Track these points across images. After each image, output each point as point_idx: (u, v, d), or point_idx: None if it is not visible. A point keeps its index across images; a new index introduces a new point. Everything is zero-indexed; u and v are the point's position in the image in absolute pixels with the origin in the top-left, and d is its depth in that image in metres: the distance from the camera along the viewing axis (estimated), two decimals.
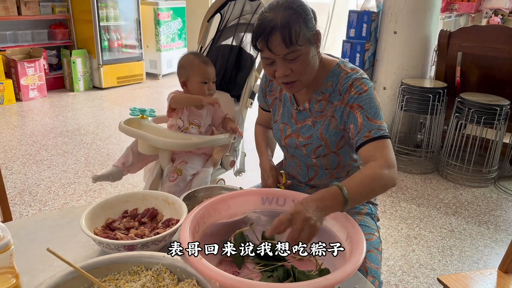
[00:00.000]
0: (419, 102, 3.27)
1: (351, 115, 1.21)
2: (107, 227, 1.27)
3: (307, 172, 1.40)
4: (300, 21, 1.13)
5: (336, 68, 1.28)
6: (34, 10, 5.02)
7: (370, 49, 3.64)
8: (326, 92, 1.28)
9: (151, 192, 1.38)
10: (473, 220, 2.70)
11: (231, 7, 2.07)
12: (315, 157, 1.33)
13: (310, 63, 1.18)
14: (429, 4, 3.37)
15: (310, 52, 1.17)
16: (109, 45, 5.50)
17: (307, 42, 1.15)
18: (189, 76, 1.77)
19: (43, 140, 3.73)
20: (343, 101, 1.23)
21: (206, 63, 1.78)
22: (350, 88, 1.21)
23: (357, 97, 1.20)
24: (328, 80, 1.27)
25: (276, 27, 1.10)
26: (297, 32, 1.12)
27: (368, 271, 1.22)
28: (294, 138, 1.36)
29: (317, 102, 1.29)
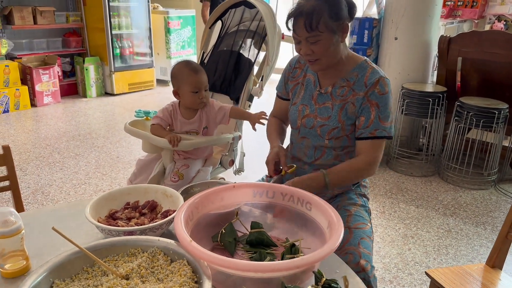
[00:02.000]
0: (419, 106, 3.34)
1: (366, 109, 1.39)
2: (110, 217, 1.38)
3: (313, 153, 1.53)
4: (325, 11, 1.29)
5: (363, 62, 1.45)
6: (49, 19, 5.22)
7: (372, 55, 3.72)
8: (351, 80, 1.43)
9: (151, 186, 1.48)
10: (471, 221, 2.76)
11: (231, 15, 2.19)
12: (328, 138, 1.47)
13: (330, 48, 1.35)
14: (429, 10, 3.45)
15: (332, 39, 1.33)
16: (121, 53, 5.68)
17: (329, 30, 1.31)
18: (180, 86, 1.79)
19: (56, 144, 3.88)
20: (366, 93, 1.39)
21: (197, 72, 1.78)
22: (376, 85, 1.38)
23: (379, 96, 1.38)
24: (354, 71, 1.43)
25: (302, 13, 1.30)
26: (318, 20, 1.28)
27: (361, 255, 1.33)
28: (312, 119, 1.49)
29: (341, 87, 1.44)
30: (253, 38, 2.16)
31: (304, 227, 1.26)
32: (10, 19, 4.96)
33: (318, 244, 1.14)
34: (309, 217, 1.25)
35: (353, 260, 1.31)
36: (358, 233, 1.40)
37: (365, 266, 1.32)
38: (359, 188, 1.57)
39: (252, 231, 1.24)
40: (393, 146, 3.55)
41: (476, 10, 4.60)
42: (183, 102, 1.82)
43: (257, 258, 1.16)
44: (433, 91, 3.35)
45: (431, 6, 3.44)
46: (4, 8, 4.96)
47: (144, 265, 1.03)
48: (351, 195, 1.54)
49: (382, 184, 3.25)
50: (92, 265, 1.04)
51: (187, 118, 1.85)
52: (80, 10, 5.56)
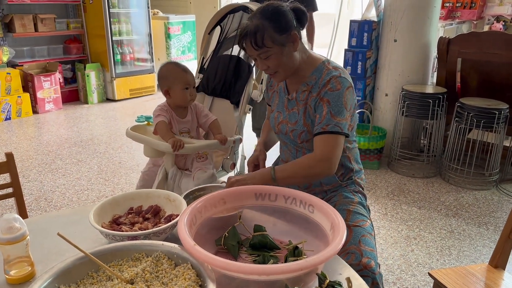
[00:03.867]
0: (420, 108, 3.35)
1: (319, 106, 1.41)
2: (114, 222, 1.39)
3: (296, 155, 1.56)
4: (268, 27, 1.34)
5: (321, 64, 1.47)
6: (50, 26, 5.25)
7: (371, 57, 3.73)
8: (310, 84, 1.46)
9: (154, 190, 1.49)
10: (473, 222, 2.76)
11: (230, 20, 2.21)
12: (301, 141, 1.51)
13: (283, 60, 1.39)
14: (428, 12, 3.46)
15: (282, 51, 1.38)
16: (121, 59, 5.70)
17: (276, 44, 1.36)
18: (171, 84, 1.89)
19: (58, 150, 3.90)
20: (319, 94, 1.42)
21: (186, 70, 1.91)
22: (327, 84, 1.40)
23: (329, 93, 1.39)
24: (313, 74, 1.46)
25: (248, 33, 1.35)
26: (262, 37, 1.34)
27: (362, 254, 1.33)
28: (284, 125, 1.54)
29: (302, 92, 1.48)
30: None
31: (307, 230, 1.27)
32: (11, 27, 4.99)
33: (321, 246, 1.15)
34: (312, 219, 1.26)
35: (355, 259, 1.31)
36: (358, 231, 1.40)
37: (368, 263, 1.32)
38: (354, 185, 1.57)
39: (255, 234, 1.24)
40: (394, 148, 3.56)
41: (474, 11, 4.61)
42: (174, 100, 1.91)
43: (261, 261, 1.16)
44: (433, 92, 3.36)
45: (429, 8, 3.46)
46: (5, 16, 4.99)
47: (148, 270, 1.04)
48: (347, 193, 1.53)
49: (384, 186, 3.26)
50: (97, 270, 1.05)
51: (181, 117, 1.93)
52: (80, 17, 5.59)
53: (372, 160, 3.55)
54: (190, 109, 2.00)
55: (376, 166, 3.57)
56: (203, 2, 6.59)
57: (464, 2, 4.67)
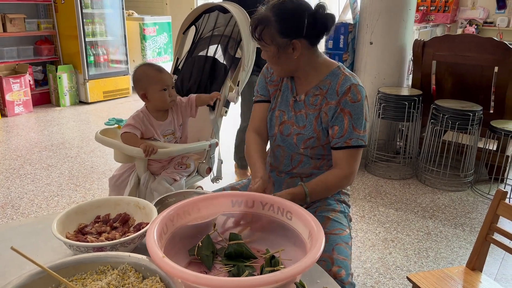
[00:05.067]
0: (396, 110, 3.36)
1: (339, 118, 1.35)
2: (79, 232, 1.31)
3: (290, 162, 1.49)
4: (272, 24, 1.28)
5: (336, 69, 1.40)
6: (19, 26, 5.07)
7: (348, 60, 3.73)
8: (323, 88, 1.39)
9: (123, 197, 1.42)
10: (450, 223, 2.77)
11: (205, 20, 2.15)
12: (304, 147, 1.43)
13: (279, 61, 1.34)
14: (403, 15, 3.48)
15: (280, 54, 1.32)
16: (95, 60, 5.56)
17: (274, 44, 1.30)
18: (147, 87, 1.79)
19: (27, 155, 3.75)
20: (339, 103, 1.34)
21: (161, 70, 1.82)
22: (348, 92, 1.33)
23: (351, 104, 1.33)
24: (327, 78, 1.39)
25: (254, 21, 1.31)
26: (262, 32, 1.29)
27: (334, 262, 1.29)
28: (289, 126, 1.45)
29: (314, 96, 1.40)
30: (227, 43, 2.13)
31: (285, 237, 1.22)
32: None
33: (299, 254, 1.10)
34: (290, 226, 1.22)
35: (325, 267, 1.27)
36: (334, 239, 1.36)
37: (338, 272, 1.28)
38: (339, 195, 1.53)
39: (230, 243, 1.19)
40: (371, 150, 3.56)
41: (448, 14, 4.69)
42: (153, 104, 1.82)
43: (235, 272, 1.11)
44: (408, 95, 3.38)
45: (405, 11, 3.48)
46: None
47: (114, 283, 0.97)
48: (330, 201, 1.50)
49: (361, 188, 3.25)
50: (58, 285, 0.97)
51: (162, 120, 1.84)
52: (52, 17, 5.42)
53: None
54: (170, 109, 1.92)
55: None
56: (180, 3, 6.50)
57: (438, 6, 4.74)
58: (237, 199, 1.31)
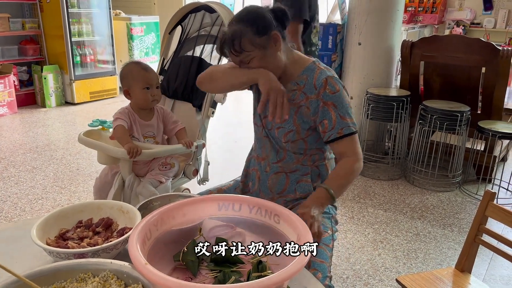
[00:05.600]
0: (384, 110, 3.36)
1: (325, 111, 1.35)
2: (60, 237, 1.27)
3: (276, 155, 1.49)
4: (246, 31, 1.30)
5: (311, 64, 1.42)
6: (3, 26, 4.97)
7: (336, 60, 3.73)
8: (300, 83, 1.40)
9: (106, 201, 1.38)
10: (438, 224, 2.77)
11: (191, 20, 2.12)
12: (285, 141, 1.44)
13: (267, 61, 1.34)
14: (391, 15, 3.49)
15: (265, 53, 1.33)
16: (81, 60, 5.48)
17: (256, 47, 1.32)
18: (130, 84, 1.79)
19: (11, 157, 3.67)
20: (318, 96, 1.36)
21: (147, 69, 1.81)
22: (325, 85, 1.35)
23: (331, 96, 1.34)
24: (303, 74, 1.41)
25: (226, 40, 1.31)
26: (240, 43, 1.30)
27: (310, 264, 1.28)
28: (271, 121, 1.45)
29: (291, 91, 1.41)
30: (214, 43, 2.10)
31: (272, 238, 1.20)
32: None
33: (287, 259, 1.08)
34: (278, 230, 1.19)
35: None
36: None
37: (314, 275, 1.26)
38: None
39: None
40: None
41: (436, 15, 4.71)
42: (135, 101, 1.81)
43: (221, 278, 1.08)
44: (397, 95, 3.38)
45: (393, 11, 3.48)
46: None
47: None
48: None
49: (350, 189, 3.24)
50: None
51: (145, 120, 1.82)
52: (37, 17, 5.33)
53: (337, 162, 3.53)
54: (157, 112, 1.90)
55: None
56: (168, 3, 6.44)
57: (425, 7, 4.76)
58: (224, 202, 1.29)
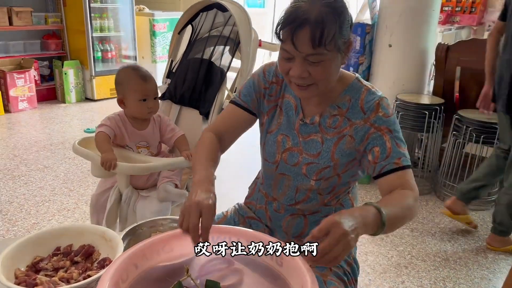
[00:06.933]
0: (414, 119, 3.10)
1: (377, 137, 1.08)
2: (33, 267, 1.12)
3: (295, 195, 1.21)
4: (336, 23, 0.99)
5: (355, 82, 1.14)
6: (26, 20, 4.94)
7: (364, 63, 3.48)
8: (343, 107, 1.13)
9: (89, 226, 1.23)
10: (470, 248, 2.51)
11: (202, 18, 1.94)
12: (316, 179, 1.16)
13: (332, 71, 1.04)
14: (426, 16, 3.21)
15: (336, 60, 1.03)
16: (102, 56, 5.41)
17: (336, 49, 1.01)
18: (125, 93, 1.62)
19: (24, 154, 3.60)
20: (368, 121, 1.09)
21: (145, 78, 1.62)
22: (377, 108, 1.09)
23: (385, 119, 1.08)
24: (346, 94, 1.13)
25: (309, 21, 0.96)
26: (329, 35, 0.97)
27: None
28: (296, 154, 1.17)
29: (331, 116, 1.14)
30: (225, 44, 1.91)
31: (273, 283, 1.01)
32: None
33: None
34: (280, 274, 1.00)
35: None
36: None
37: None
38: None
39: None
40: None
41: (474, 16, 4.38)
42: (129, 111, 1.65)
43: None
44: (429, 103, 3.11)
45: (427, 12, 3.20)
46: None
47: None
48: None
49: None
50: None
51: (139, 129, 1.65)
52: (60, 11, 5.28)
53: None
54: (153, 120, 1.73)
55: (366, 180, 3.32)
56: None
57: (464, 7, 4.43)
58: (219, 235, 1.10)
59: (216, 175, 1.94)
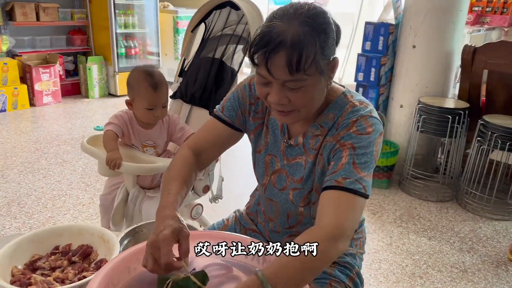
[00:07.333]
0: (437, 124, 2.98)
1: (337, 153, 0.96)
2: (30, 266, 1.12)
3: (286, 220, 1.15)
4: (316, 45, 0.88)
5: (341, 97, 1.02)
6: (53, 16, 5.04)
7: (387, 64, 3.38)
8: (325, 125, 1.02)
9: (88, 226, 1.22)
10: (491, 260, 2.40)
11: (216, 17, 1.91)
12: (304, 205, 1.08)
13: (314, 96, 0.94)
14: (452, 16, 3.09)
15: (318, 84, 0.93)
16: (126, 52, 5.46)
17: (318, 72, 0.90)
18: (134, 98, 1.61)
19: (45, 148, 3.67)
20: (336, 137, 0.98)
21: (156, 87, 1.58)
22: (352, 125, 0.96)
23: (355, 136, 0.95)
24: (329, 112, 1.01)
25: (284, 44, 0.85)
26: (308, 58, 0.87)
27: None
28: (284, 177, 1.10)
29: (313, 137, 1.03)
30: (237, 43, 1.88)
31: None
32: (12, 15, 4.80)
33: None
34: None
35: None
36: None
37: None
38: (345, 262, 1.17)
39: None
40: (407, 166, 3.21)
41: (506, 17, 4.19)
42: (136, 114, 1.62)
43: None
44: (453, 107, 3.00)
45: (455, 11, 3.08)
46: (6, 4, 4.80)
47: None
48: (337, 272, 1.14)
49: (392, 210, 2.91)
50: None
51: (145, 128, 1.65)
52: (85, 7, 5.36)
53: (381, 178, 3.21)
54: (161, 120, 1.72)
55: (385, 185, 3.23)
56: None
57: (495, 7, 4.25)
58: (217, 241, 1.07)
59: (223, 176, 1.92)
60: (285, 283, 0.79)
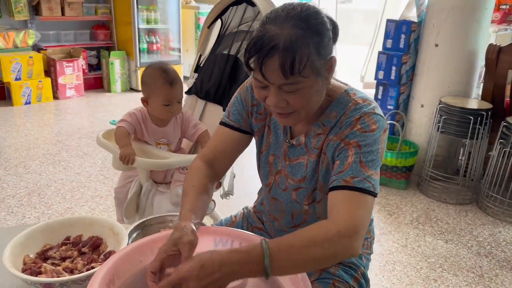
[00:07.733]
0: (458, 124, 2.92)
1: (343, 152, 0.95)
2: (42, 255, 1.15)
3: (291, 219, 1.15)
4: (310, 47, 0.87)
5: (344, 95, 1.01)
6: (77, 11, 5.14)
7: (408, 62, 3.32)
8: (327, 124, 1.01)
9: (98, 218, 1.24)
10: (509, 266, 2.33)
11: (232, 13, 1.91)
12: (308, 203, 1.08)
13: (312, 97, 0.93)
14: (476, 14, 3.01)
15: (316, 85, 0.92)
16: (148, 48, 5.53)
17: (314, 73, 0.90)
18: (150, 95, 1.63)
19: (67, 141, 3.76)
20: (340, 136, 0.97)
21: (172, 83, 1.60)
22: (356, 123, 0.95)
23: (359, 134, 0.94)
24: (332, 110, 1.01)
25: (277, 48, 0.85)
26: (302, 60, 0.86)
27: None
28: (284, 178, 1.11)
29: (316, 135, 1.03)
30: None
31: None
32: (39, 9, 4.92)
33: None
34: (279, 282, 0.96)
35: None
36: None
37: None
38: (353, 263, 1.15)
39: None
40: (426, 167, 3.14)
41: None
42: (152, 111, 1.65)
43: None
44: (475, 108, 2.92)
45: (479, 10, 3.00)
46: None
47: None
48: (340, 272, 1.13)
49: (409, 211, 2.86)
50: None
51: (159, 125, 1.66)
52: (109, 3, 5.45)
53: (399, 178, 3.16)
54: (174, 117, 1.74)
55: (403, 186, 3.18)
56: None
57: None
58: (221, 238, 1.08)
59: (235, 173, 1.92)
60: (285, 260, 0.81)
